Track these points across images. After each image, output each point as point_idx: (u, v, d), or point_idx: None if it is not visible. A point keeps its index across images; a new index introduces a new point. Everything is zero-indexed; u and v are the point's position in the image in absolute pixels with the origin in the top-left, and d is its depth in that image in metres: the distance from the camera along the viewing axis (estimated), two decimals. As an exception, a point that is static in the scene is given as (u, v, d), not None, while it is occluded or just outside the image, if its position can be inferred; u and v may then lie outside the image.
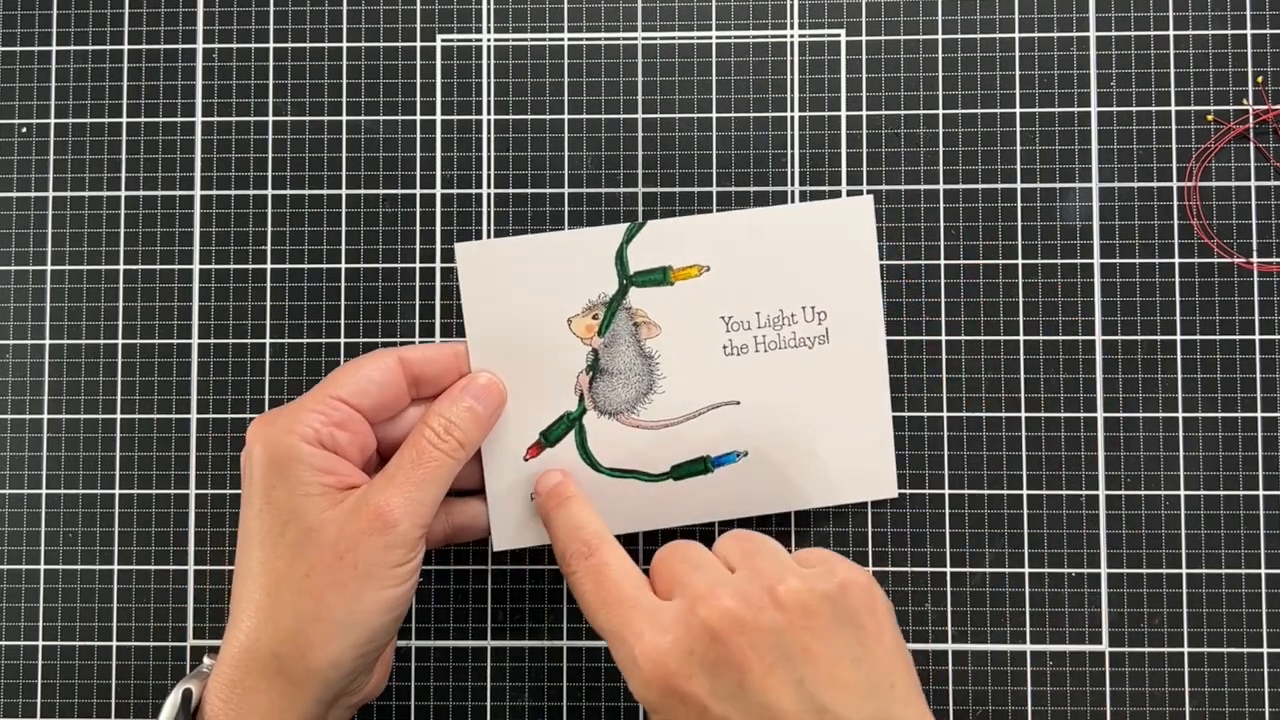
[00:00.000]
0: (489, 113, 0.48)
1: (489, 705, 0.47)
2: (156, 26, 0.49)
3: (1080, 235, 0.47)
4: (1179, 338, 0.47)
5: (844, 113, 0.48)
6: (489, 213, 0.48)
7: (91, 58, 0.49)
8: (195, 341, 0.48)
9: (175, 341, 0.48)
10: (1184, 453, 0.47)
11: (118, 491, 0.48)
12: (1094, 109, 0.48)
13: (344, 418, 0.41)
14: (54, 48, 0.49)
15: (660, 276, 0.45)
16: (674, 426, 0.45)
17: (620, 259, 0.45)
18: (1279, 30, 0.48)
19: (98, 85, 0.49)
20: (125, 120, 0.49)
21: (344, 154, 0.48)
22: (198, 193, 0.48)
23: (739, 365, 0.45)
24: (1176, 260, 0.47)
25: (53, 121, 0.49)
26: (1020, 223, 0.47)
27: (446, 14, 0.48)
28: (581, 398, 0.45)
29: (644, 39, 0.48)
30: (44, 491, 0.48)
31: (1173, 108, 0.48)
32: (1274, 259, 0.47)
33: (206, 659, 0.44)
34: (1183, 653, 0.46)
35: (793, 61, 0.48)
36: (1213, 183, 0.47)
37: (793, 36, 0.48)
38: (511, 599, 0.48)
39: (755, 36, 0.48)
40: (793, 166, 0.48)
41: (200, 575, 0.48)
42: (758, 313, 0.45)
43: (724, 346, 0.45)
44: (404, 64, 0.48)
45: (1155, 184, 0.47)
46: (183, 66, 0.49)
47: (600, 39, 0.48)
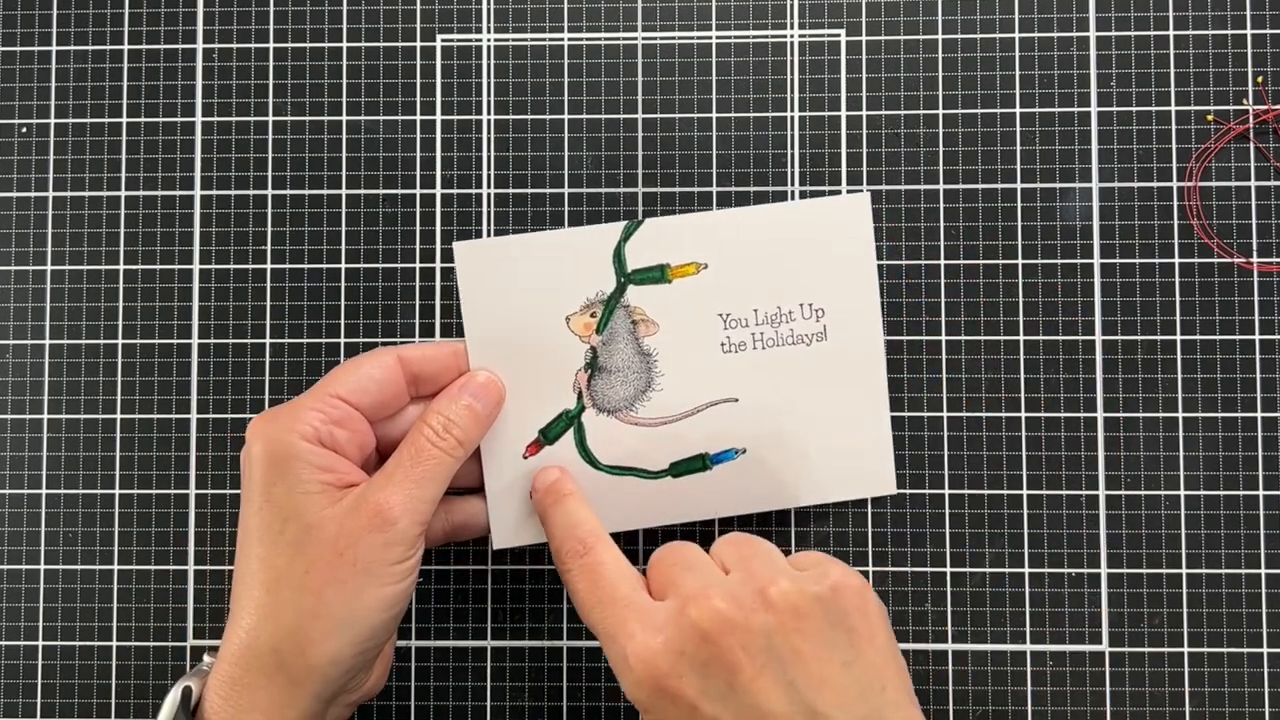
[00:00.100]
0: (489, 113, 0.48)
1: (489, 705, 0.47)
2: (156, 26, 0.49)
3: (1080, 235, 0.47)
4: (1179, 338, 0.47)
5: (844, 112, 0.48)
6: (489, 213, 0.48)
7: (91, 58, 0.49)
8: (195, 341, 0.48)
9: (175, 341, 0.48)
10: (1184, 453, 0.47)
11: (118, 491, 0.48)
12: (1094, 109, 0.48)
13: (343, 416, 0.41)
14: (54, 48, 0.49)
15: (658, 274, 0.45)
16: (672, 424, 0.45)
17: (618, 257, 0.45)
18: (1279, 30, 0.48)
19: (98, 85, 0.49)
20: (125, 120, 0.49)
21: (344, 154, 0.48)
22: (198, 193, 0.48)
23: (737, 363, 0.45)
24: (1176, 260, 0.47)
25: (53, 121, 0.49)
26: (1020, 223, 0.47)
27: (446, 14, 0.48)
28: (580, 395, 0.45)
29: (644, 39, 0.48)
30: (44, 491, 0.48)
31: (1173, 108, 0.48)
32: (1274, 259, 0.47)
33: (206, 656, 0.44)
34: (1183, 653, 0.46)
35: (793, 61, 0.48)
36: (1213, 183, 0.47)
37: (793, 36, 0.48)
38: (511, 599, 0.48)
39: (755, 36, 0.48)
40: (792, 166, 0.48)
41: (200, 575, 0.48)
42: (755, 310, 0.45)
43: (722, 344, 0.45)
44: (404, 64, 0.48)
45: (1155, 184, 0.47)
46: (183, 66, 0.49)
47: (600, 39, 0.48)
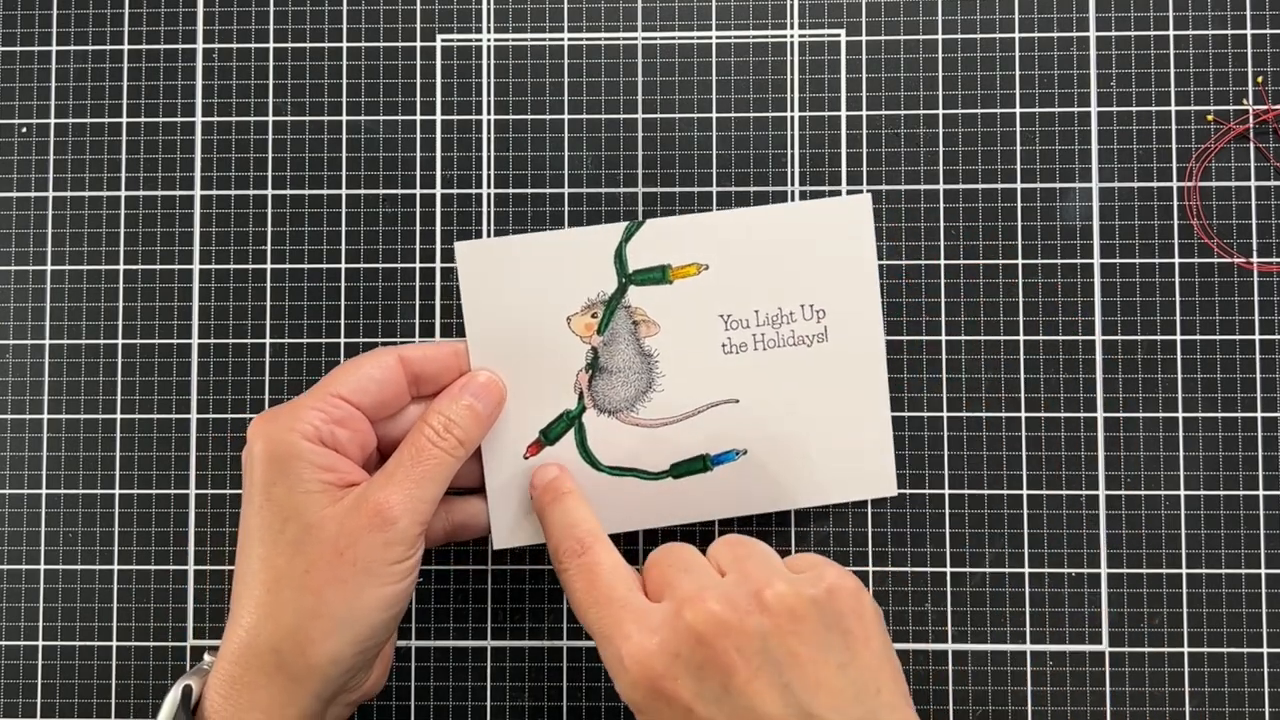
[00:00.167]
0: (489, 113, 0.48)
1: (489, 705, 0.47)
2: (156, 26, 0.49)
3: (1080, 235, 0.47)
4: (1179, 338, 0.47)
5: (844, 113, 0.48)
6: (489, 213, 0.48)
7: (91, 58, 0.49)
8: (195, 341, 0.48)
9: (175, 341, 0.48)
10: (1184, 453, 0.47)
11: (118, 491, 0.48)
12: (1094, 109, 0.48)
13: (344, 415, 0.41)
14: (54, 48, 0.49)
15: (659, 275, 0.45)
16: (673, 425, 0.45)
17: (619, 257, 0.45)
18: (1279, 30, 0.48)
19: (98, 85, 0.49)
20: (125, 120, 0.49)
21: (344, 154, 0.48)
22: (198, 193, 0.48)
23: (738, 363, 0.45)
24: (1176, 260, 0.47)
25: (53, 121, 0.49)
26: (1020, 223, 0.47)
27: (446, 14, 0.48)
28: (581, 396, 0.45)
29: (644, 39, 0.48)
30: (44, 491, 0.48)
31: (1173, 108, 0.48)
32: (1274, 259, 0.47)
33: (207, 655, 0.44)
34: (1183, 653, 0.46)
35: (793, 61, 0.48)
36: (1213, 183, 0.47)
37: (793, 36, 0.48)
38: (511, 599, 0.48)
39: (755, 36, 0.48)
40: (793, 166, 0.48)
41: (200, 575, 0.48)
42: (756, 311, 0.45)
43: (723, 345, 0.45)
44: (404, 64, 0.48)
45: (1155, 184, 0.47)
46: (183, 66, 0.49)
47: (600, 39, 0.48)
